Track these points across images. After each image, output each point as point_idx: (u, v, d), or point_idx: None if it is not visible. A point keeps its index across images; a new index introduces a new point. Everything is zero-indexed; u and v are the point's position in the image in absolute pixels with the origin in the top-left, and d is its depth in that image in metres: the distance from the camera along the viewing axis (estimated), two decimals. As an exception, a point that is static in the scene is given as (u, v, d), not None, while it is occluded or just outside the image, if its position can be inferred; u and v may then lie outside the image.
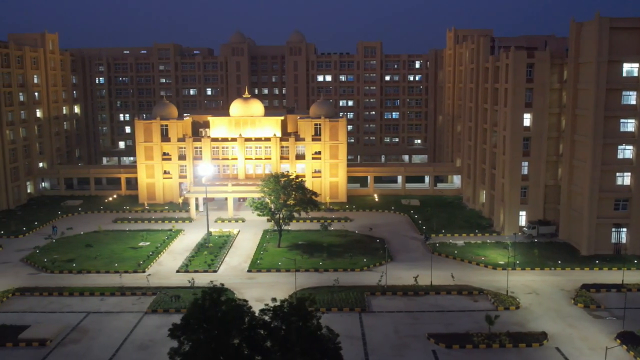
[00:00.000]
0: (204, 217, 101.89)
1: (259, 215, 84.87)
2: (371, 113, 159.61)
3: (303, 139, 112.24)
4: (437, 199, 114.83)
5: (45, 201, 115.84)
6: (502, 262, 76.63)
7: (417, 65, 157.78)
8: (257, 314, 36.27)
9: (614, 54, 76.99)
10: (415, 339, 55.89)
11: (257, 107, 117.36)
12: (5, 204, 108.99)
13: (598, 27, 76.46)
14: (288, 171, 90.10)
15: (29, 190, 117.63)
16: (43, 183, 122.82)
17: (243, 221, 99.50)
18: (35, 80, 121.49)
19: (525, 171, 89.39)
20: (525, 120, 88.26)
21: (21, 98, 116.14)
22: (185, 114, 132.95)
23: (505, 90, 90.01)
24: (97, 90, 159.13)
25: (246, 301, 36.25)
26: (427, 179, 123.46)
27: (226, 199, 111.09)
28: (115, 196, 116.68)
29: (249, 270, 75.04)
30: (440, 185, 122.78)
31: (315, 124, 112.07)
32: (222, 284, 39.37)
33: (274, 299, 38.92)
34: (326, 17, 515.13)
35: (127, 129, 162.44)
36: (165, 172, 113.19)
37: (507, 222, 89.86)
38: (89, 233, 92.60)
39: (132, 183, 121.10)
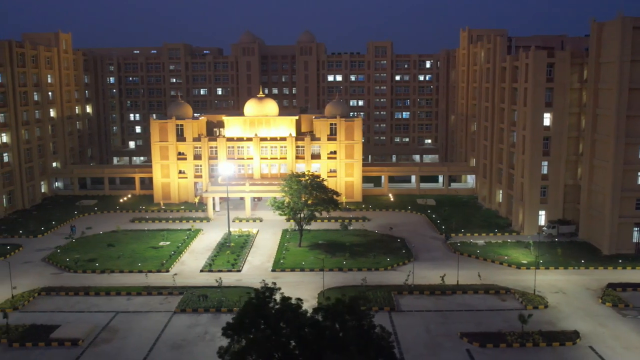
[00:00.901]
0: (221, 217, 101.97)
1: (280, 214, 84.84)
2: (381, 113, 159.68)
3: (319, 139, 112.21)
4: (452, 198, 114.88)
5: (60, 201, 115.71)
6: (525, 262, 76.70)
7: (428, 65, 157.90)
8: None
9: (636, 53, 77.00)
10: (447, 338, 55.88)
11: (272, 106, 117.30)
12: (20, 204, 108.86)
13: (621, 27, 76.48)
14: (309, 170, 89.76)
15: (43, 190, 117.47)
16: (56, 183, 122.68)
17: (261, 221, 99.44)
18: (49, 80, 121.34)
19: (544, 171, 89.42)
20: (545, 119, 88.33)
21: (35, 98, 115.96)
22: (195, 114, 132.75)
23: (525, 90, 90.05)
24: (108, 90, 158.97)
25: (300, 300, 36.21)
26: (440, 178, 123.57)
27: (241, 198, 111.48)
28: (129, 196, 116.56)
29: (272, 270, 74.99)
30: (453, 185, 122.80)
31: (331, 124, 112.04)
32: (275, 283, 39.18)
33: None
34: (335, 17, 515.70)
35: (138, 129, 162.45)
36: (180, 172, 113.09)
37: (526, 222, 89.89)
38: (108, 233, 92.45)
39: (146, 183, 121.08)
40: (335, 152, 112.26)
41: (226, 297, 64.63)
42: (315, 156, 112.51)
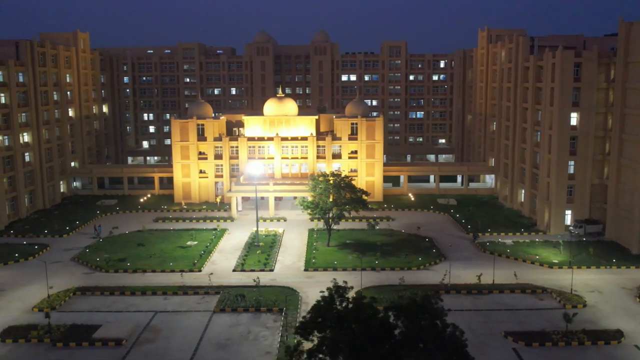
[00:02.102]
0: (244, 217, 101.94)
1: (309, 214, 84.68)
2: (395, 113, 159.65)
3: (340, 138, 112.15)
4: (472, 198, 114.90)
5: (79, 200, 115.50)
6: (555, 261, 76.75)
7: (442, 65, 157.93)
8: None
9: (667, 53, 77.17)
10: (491, 337, 55.89)
11: (291, 106, 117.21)
12: (41, 204, 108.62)
13: (652, 26, 76.64)
14: (338, 169, 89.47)
15: (62, 190, 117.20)
16: (75, 182, 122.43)
17: (285, 220, 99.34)
18: (68, 80, 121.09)
19: (571, 170, 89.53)
20: (572, 119, 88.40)
21: (55, 97, 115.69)
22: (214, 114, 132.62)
23: (552, 89, 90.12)
24: (122, 90, 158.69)
25: (374, 299, 36.12)
26: (459, 178, 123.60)
27: (262, 198, 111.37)
28: (149, 196, 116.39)
29: (305, 270, 74.90)
30: (472, 185, 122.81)
31: (352, 123, 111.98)
32: (345, 282, 39.15)
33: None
34: (346, 16, 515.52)
35: (151, 129, 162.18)
36: (201, 172, 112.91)
37: (553, 222, 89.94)
38: (134, 232, 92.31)
39: (165, 182, 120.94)
40: (356, 152, 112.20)
41: (264, 297, 64.53)
42: (336, 156, 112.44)
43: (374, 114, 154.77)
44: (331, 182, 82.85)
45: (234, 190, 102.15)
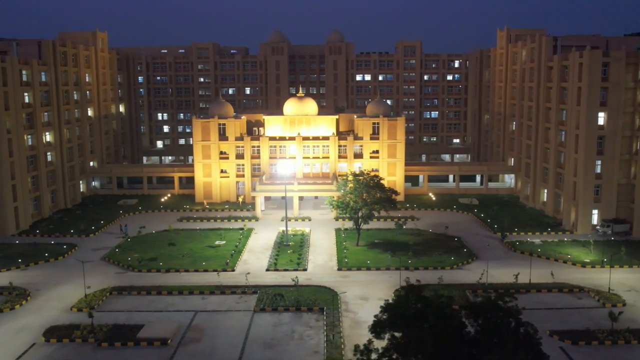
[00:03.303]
0: (268, 216, 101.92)
1: (339, 214, 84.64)
2: (410, 112, 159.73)
3: (361, 138, 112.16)
4: (493, 197, 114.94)
5: (99, 200, 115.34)
6: (587, 260, 76.84)
7: (457, 64, 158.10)
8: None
9: (698, 52, 77.30)
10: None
11: (312, 106, 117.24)
12: (62, 203, 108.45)
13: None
14: (366, 169, 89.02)
15: (81, 190, 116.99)
16: (93, 182, 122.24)
17: (309, 220, 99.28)
18: (87, 79, 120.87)
19: (598, 170, 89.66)
20: (599, 119, 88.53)
21: (75, 97, 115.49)
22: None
23: (578, 89, 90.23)
24: (137, 90, 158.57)
25: (451, 298, 36.11)
26: (477, 178, 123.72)
27: (283, 197, 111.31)
28: (169, 195, 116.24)
29: (339, 269, 74.84)
30: (491, 185, 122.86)
31: (374, 123, 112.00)
32: (419, 280, 39.29)
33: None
34: (359, 16, 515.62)
35: (165, 128, 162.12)
36: (222, 171, 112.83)
37: (579, 221, 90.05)
38: (160, 232, 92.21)
39: (183, 182, 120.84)
40: (377, 152, 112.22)
41: (302, 296, 64.46)
42: (357, 155, 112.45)
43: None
44: (362, 181, 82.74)
45: (258, 190, 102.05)
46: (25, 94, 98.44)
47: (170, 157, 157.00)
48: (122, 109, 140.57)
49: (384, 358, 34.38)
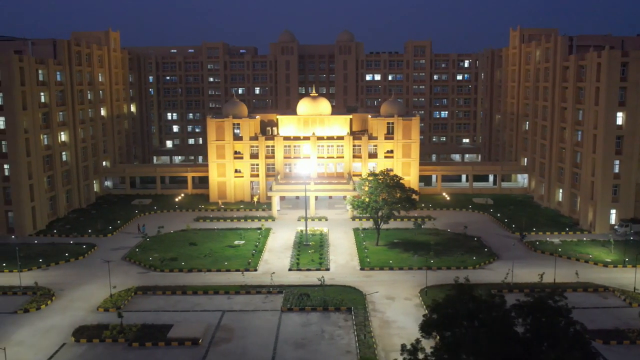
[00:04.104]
0: (283, 216, 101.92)
1: (359, 214, 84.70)
2: (420, 112, 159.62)
3: (375, 138, 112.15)
4: (506, 197, 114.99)
5: (113, 200, 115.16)
6: (608, 260, 76.93)
7: (466, 64, 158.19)
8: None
9: None
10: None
11: (325, 105, 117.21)
12: (77, 203, 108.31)
13: None
14: (388, 169, 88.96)
15: (95, 189, 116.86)
16: (106, 182, 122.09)
17: (326, 220, 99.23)
18: (100, 79, 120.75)
19: (616, 169, 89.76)
20: (617, 119, 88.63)
21: (89, 96, 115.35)
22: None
23: (597, 89, 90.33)
24: (147, 89, 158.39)
25: (503, 297, 36.10)
26: (490, 177, 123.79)
27: (297, 197, 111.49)
28: (182, 195, 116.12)
29: (361, 269, 74.85)
30: (503, 184, 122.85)
31: (388, 123, 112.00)
32: (468, 279, 39.54)
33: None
34: (368, 16, 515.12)
35: (175, 128, 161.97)
36: (236, 171, 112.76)
37: (597, 221, 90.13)
38: (178, 232, 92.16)
39: (196, 182, 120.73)
40: (392, 151, 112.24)
41: (328, 296, 64.43)
42: (372, 155, 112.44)
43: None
44: (382, 181, 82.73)
45: (275, 190, 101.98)
46: (42, 93, 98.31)
47: (179, 157, 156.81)
48: (133, 108, 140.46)
49: (431, 357, 34.38)
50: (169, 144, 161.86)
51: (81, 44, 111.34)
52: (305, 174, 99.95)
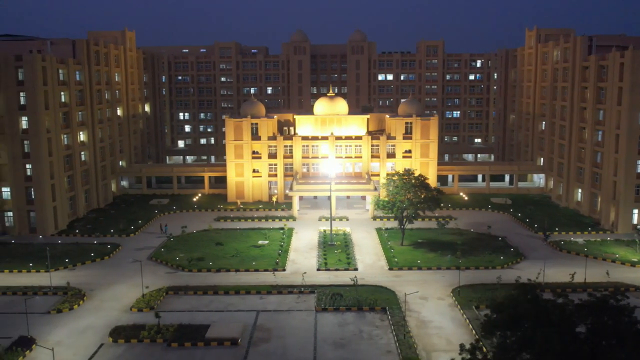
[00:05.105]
0: (303, 216, 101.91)
1: (385, 213, 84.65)
2: (432, 112, 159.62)
3: (394, 137, 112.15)
4: (524, 197, 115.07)
5: (130, 200, 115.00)
6: (635, 259, 77.03)
7: (479, 64, 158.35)
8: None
9: None
10: (605, 335, 56.00)
11: (342, 105, 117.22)
12: (95, 203, 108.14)
13: None
14: (410, 169, 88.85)
15: (112, 189, 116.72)
16: (122, 182, 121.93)
17: (347, 219, 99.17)
18: (116, 79, 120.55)
19: (639, 169, 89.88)
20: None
21: (106, 96, 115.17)
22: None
23: (619, 89, 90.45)
24: (160, 89, 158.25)
25: (567, 297, 36.07)
26: (506, 177, 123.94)
27: (315, 197, 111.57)
28: (199, 195, 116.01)
29: (390, 269, 74.83)
30: (520, 184, 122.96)
31: (406, 123, 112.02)
32: (530, 279, 39.84)
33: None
34: (380, 16, 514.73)
35: (187, 128, 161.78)
36: (254, 171, 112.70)
37: (620, 221, 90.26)
38: (201, 231, 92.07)
39: (212, 182, 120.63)
40: (410, 151, 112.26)
41: (361, 296, 64.40)
42: (390, 155, 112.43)
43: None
44: (407, 181, 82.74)
45: (295, 190, 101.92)
46: (62, 93, 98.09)
47: (192, 157, 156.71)
48: (147, 108, 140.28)
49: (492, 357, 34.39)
50: (180, 143, 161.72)
51: (99, 44, 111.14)
52: (328, 174, 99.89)
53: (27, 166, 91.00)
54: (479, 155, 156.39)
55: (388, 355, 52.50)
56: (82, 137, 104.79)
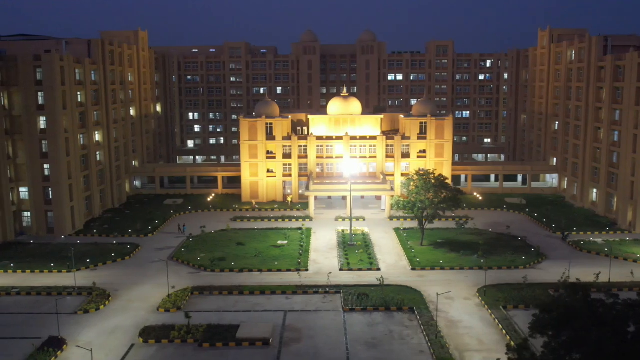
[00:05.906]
0: (319, 216, 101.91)
1: (405, 213, 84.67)
2: (442, 112, 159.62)
3: (408, 137, 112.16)
4: (538, 197, 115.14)
5: (144, 200, 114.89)
6: (656, 260, 77.27)
7: (488, 64, 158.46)
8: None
9: None
10: (635, 335, 56.08)
11: (356, 105, 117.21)
12: (110, 203, 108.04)
13: None
14: (428, 169, 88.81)
15: (126, 189, 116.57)
16: (135, 181, 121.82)
17: (364, 219, 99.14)
18: (130, 78, 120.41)
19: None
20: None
21: (121, 96, 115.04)
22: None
23: (637, 89, 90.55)
24: (170, 89, 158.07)
25: (617, 296, 36.07)
26: (519, 177, 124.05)
27: (329, 197, 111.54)
28: (213, 195, 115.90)
29: (412, 269, 74.85)
30: (533, 184, 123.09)
31: (421, 123, 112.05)
32: (579, 279, 40.04)
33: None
34: (389, 16, 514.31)
35: (196, 128, 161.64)
36: (268, 171, 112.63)
37: (638, 220, 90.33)
38: (219, 231, 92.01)
39: (225, 182, 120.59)
40: (424, 151, 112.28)
41: (388, 296, 64.39)
42: (405, 155, 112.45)
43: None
44: (428, 181, 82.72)
45: (312, 190, 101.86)
46: (79, 93, 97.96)
47: (201, 157, 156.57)
48: (158, 108, 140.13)
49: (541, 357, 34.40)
50: (190, 143, 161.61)
51: (113, 44, 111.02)
52: (343, 174, 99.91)
53: (45, 166, 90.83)
54: (489, 155, 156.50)
55: (421, 355, 52.49)
56: (97, 137, 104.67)
